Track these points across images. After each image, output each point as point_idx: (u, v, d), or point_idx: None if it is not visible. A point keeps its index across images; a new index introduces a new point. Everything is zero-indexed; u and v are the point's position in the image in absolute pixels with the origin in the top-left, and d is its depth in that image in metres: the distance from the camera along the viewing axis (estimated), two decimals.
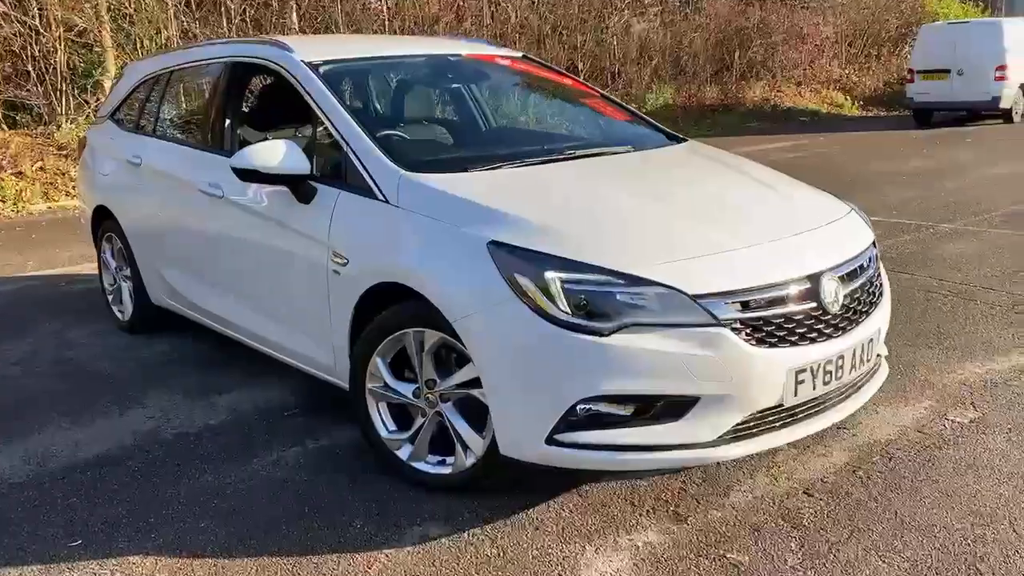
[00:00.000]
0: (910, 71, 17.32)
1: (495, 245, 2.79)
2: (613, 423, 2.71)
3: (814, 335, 2.82)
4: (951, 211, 7.93)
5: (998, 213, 7.79)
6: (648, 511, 2.97)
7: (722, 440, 2.73)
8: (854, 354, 2.94)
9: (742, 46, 18.92)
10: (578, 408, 2.67)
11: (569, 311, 2.64)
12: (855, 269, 3.05)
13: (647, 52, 17.71)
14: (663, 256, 2.76)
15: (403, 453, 3.18)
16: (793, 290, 2.81)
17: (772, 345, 2.73)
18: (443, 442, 3.11)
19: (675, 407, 2.69)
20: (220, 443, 3.60)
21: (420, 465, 3.15)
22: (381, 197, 3.19)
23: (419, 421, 3.13)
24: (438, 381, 3.04)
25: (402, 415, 3.22)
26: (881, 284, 3.23)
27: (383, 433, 3.21)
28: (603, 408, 2.69)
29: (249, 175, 3.41)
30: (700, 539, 2.80)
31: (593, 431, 2.70)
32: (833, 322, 2.87)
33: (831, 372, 2.88)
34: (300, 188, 3.43)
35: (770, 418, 2.79)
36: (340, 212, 3.30)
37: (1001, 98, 16.31)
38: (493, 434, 2.90)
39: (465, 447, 3.03)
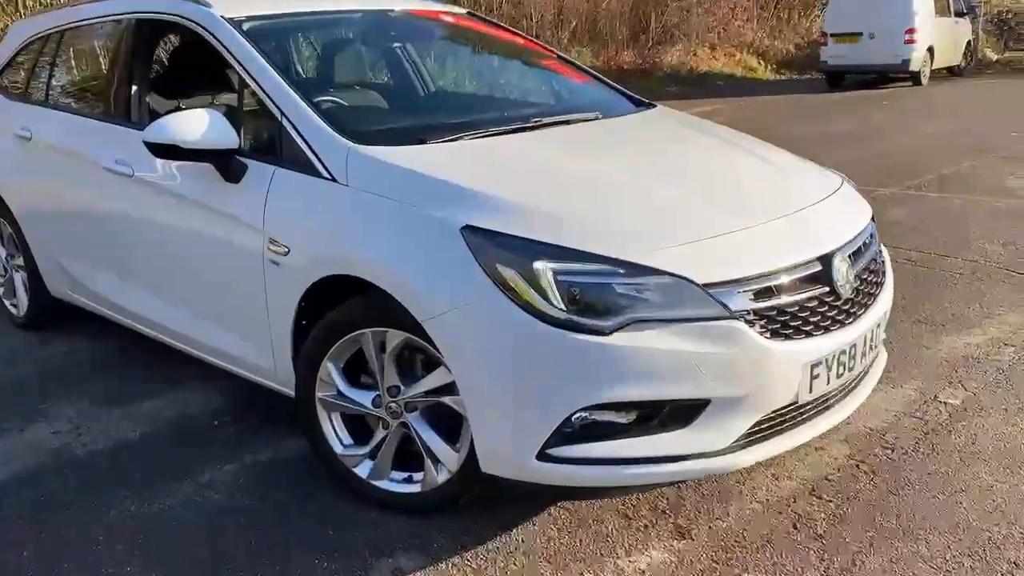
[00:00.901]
0: (823, 34, 17.43)
1: (471, 231, 2.39)
2: (613, 433, 2.36)
3: (827, 323, 2.52)
4: (885, 175, 7.85)
5: (932, 176, 7.75)
6: (646, 526, 2.64)
7: (735, 447, 2.41)
8: (864, 341, 2.66)
9: (657, 9, 18.72)
10: (573, 418, 2.31)
11: (564, 307, 2.27)
12: (860, 247, 2.77)
13: (565, 15, 17.31)
14: (664, 240, 2.40)
15: (362, 470, 2.77)
16: (805, 274, 2.49)
17: (787, 337, 2.42)
18: (409, 456, 2.71)
19: (683, 412, 2.36)
20: (142, 462, 3.11)
21: (383, 484, 2.75)
22: (326, 174, 2.73)
23: (380, 434, 2.72)
24: (402, 388, 2.63)
25: (359, 427, 2.80)
26: (884, 262, 2.96)
27: (337, 448, 2.79)
28: (601, 417, 2.33)
29: (166, 151, 2.90)
30: (710, 557, 2.49)
31: (591, 443, 2.35)
32: (845, 307, 2.58)
33: (844, 364, 2.59)
34: (227, 165, 2.94)
35: (781, 419, 2.49)
36: (276, 193, 2.84)
37: (910, 60, 16.57)
38: (470, 447, 2.52)
39: (436, 462, 2.64)
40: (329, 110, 3.12)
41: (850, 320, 2.59)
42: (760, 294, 2.39)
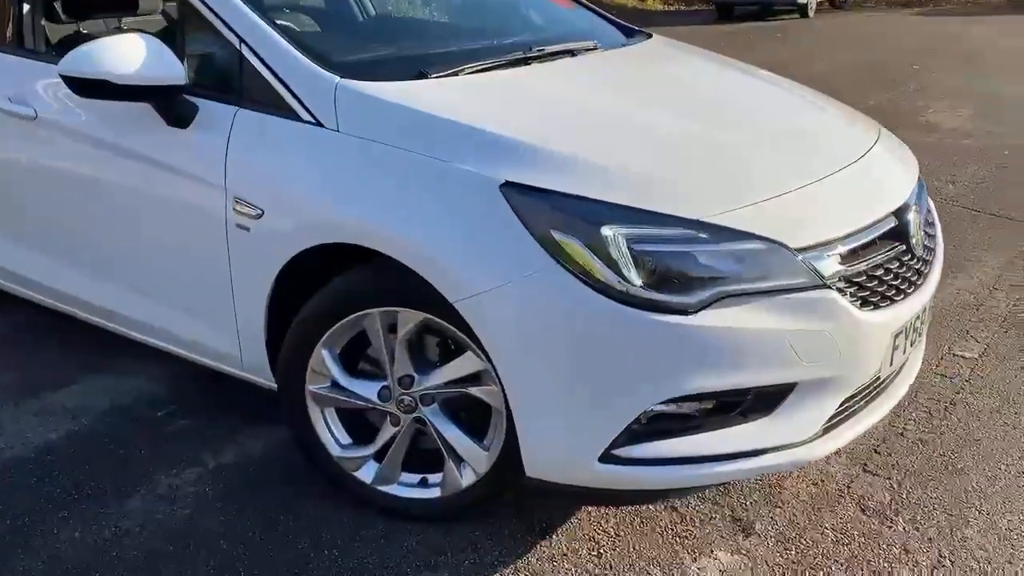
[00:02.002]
0: None
1: (515, 190, 1.94)
2: (687, 427, 1.99)
3: (906, 286, 2.21)
4: None
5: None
6: (701, 520, 2.31)
7: (819, 434, 2.09)
8: (928, 304, 2.38)
9: None
10: (648, 414, 1.94)
11: (641, 282, 1.86)
12: (920, 198, 2.47)
13: None
14: (741, 197, 2.02)
15: (365, 474, 2.32)
16: (886, 231, 2.18)
17: (875, 306, 2.10)
18: (418, 456, 2.28)
19: (767, 399, 2.02)
20: (76, 471, 2.55)
21: (392, 489, 2.31)
22: (307, 117, 2.20)
23: (388, 431, 2.27)
24: (416, 378, 2.18)
25: (359, 423, 2.34)
26: (934, 212, 2.68)
27: (334, 450, 2.32)
28: (676, 409, 1.96)
29: (91, 87, 2.29)
30: (783, 555, 2.19)
31: (662, 440, 1.98)
32: (917, 267, 2.28)
33: (916, 330, 2.32)
34: (171, 106, 2.35)
35: (860, 399, 2.19)
36: (240, 140, 2.28)
37: None
38: (504, 445, 2.12)
39: (458, 461, 2.22)
40: (299, 36, 2.55)
41: (921, 281, 2.29)
42: (846, 257, 2.05)
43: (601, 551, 2.20)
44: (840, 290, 2.01)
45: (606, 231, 1.87)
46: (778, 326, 1.93)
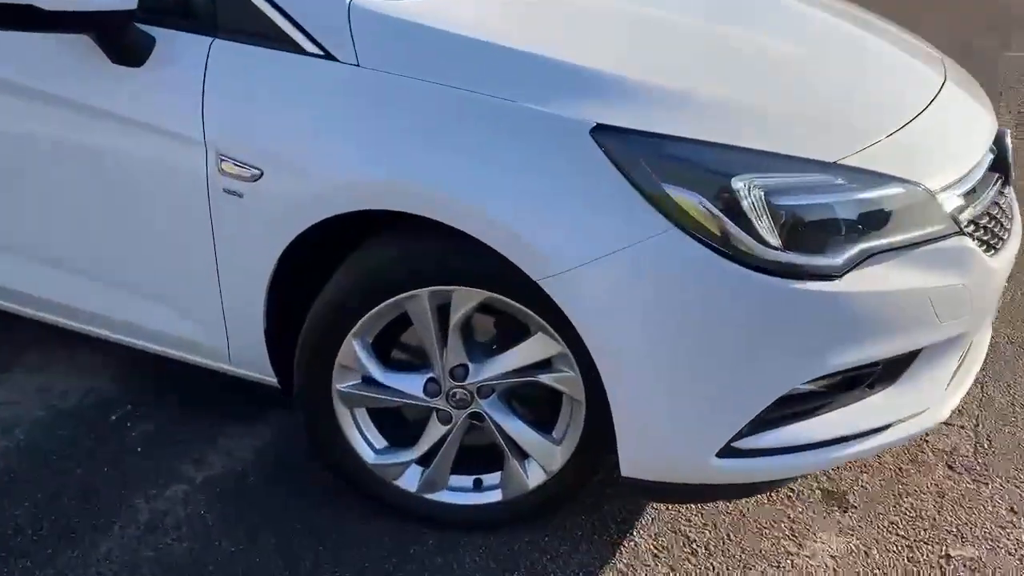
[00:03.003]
0: None
1: (610, 135, 1.55)
2: (814, 409, 1.70)
3: (1008, 224, 1.97)
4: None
5: None
6: (791, 500, 2.06)
7: (940, 397, 1.85)
8: None
9: None
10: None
11: (780, 243, 1.53)
12: None
13: None
14: (863, 135, 1.70)
15: (408, 482, 1.94)
16: (988, 166, 1.92)
17: (995, 250, 1.85)
18: (460, 455, 1.93)
19: (893, 366, 1.75)
20: (19, 507, 2.04)
21: (442, 496, 1.94)
22: (314, 49, 1.72)
23: (436, 430, 1.89)
24: (471, 367, 1.80)
25: (389, 423, 1.95)
26: None
27: (369, 458, 1.92)
28: (809, 388, 1.67)
29: (13, 15, 1.71)
30: (891, 530, 1.97)
31: (788, 426, 1.68)
32: (1011, 206, 2.05)
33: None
34: (119, 38, 1.81)
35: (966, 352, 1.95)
36: (223, 81, 1.78)
37: None
38: (579, 437, 1.78)
39: (522, 459, 1.87)
40: None
41: (1012, 223, 2.05)
42: (967, 198, 1.78)
43: (694, 547, 1.92)
44: (970, 236, 1.74)
45: (738, 183, 1.51)
46: (922, 284, 1.65)
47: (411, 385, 1.84)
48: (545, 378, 1.77)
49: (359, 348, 1.80)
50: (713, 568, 1.87)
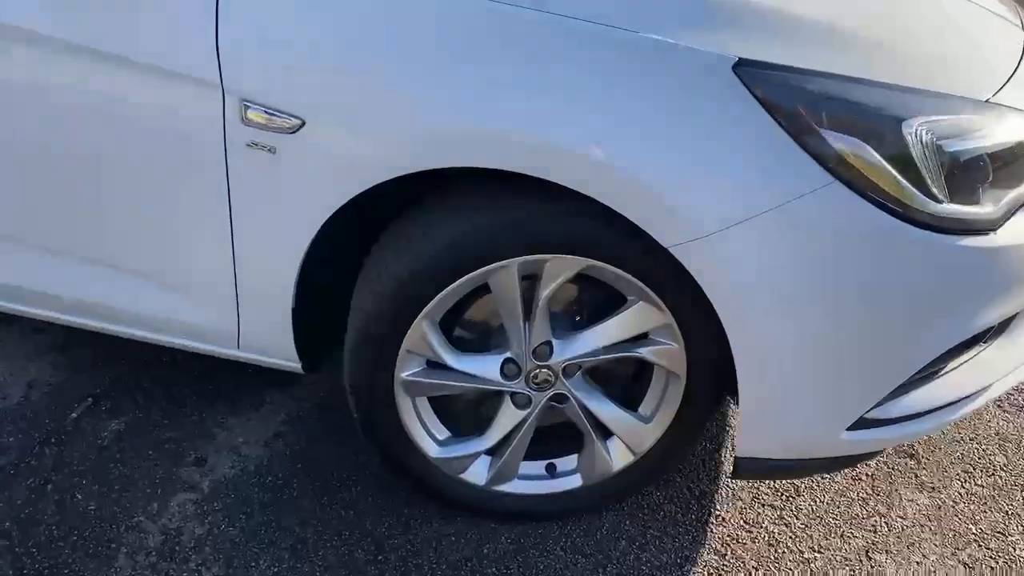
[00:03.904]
0: None
1: (758, 72, 1.31)
2: (939, 371, 1.57)
3: None
4: None
5: None
6: (881, 472, 1.95)
7: None
8: None
9: None
10: None
11: (947, 195, 1.35)
12: None
13: None
14: (989, 76, 1.53)
15: (476, 474, 1.70)
16: None
17: None
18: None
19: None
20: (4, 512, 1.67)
21: (514, 487, 1.72)
22: None
23: (510, 416, 1.64)
24: (555, 344, 1.56)
25: (454, 412, 1.69)
26: None
27: (431, 450, 1.66)
28: None
29: None
30: (968, 482, 1.90)
31: (912, 392, 1.55)
32: None
33: None
34: None
35: None
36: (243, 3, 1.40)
37: None
38: (674, 412, 1.60)
39: (606, 437, 1.66)
40: None
41: None
42: None
43: (785, 518, 1.79)
44: None
45: (909, 128, 1.32)
46: None
47: (487, 368, 1.58)
48: (644, 351, 1.56)
49: (430, 331, 1.52)
50: (812, 539, 1.74)
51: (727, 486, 1.84)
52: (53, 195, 1.60)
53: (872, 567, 1.69)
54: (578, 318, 1.60)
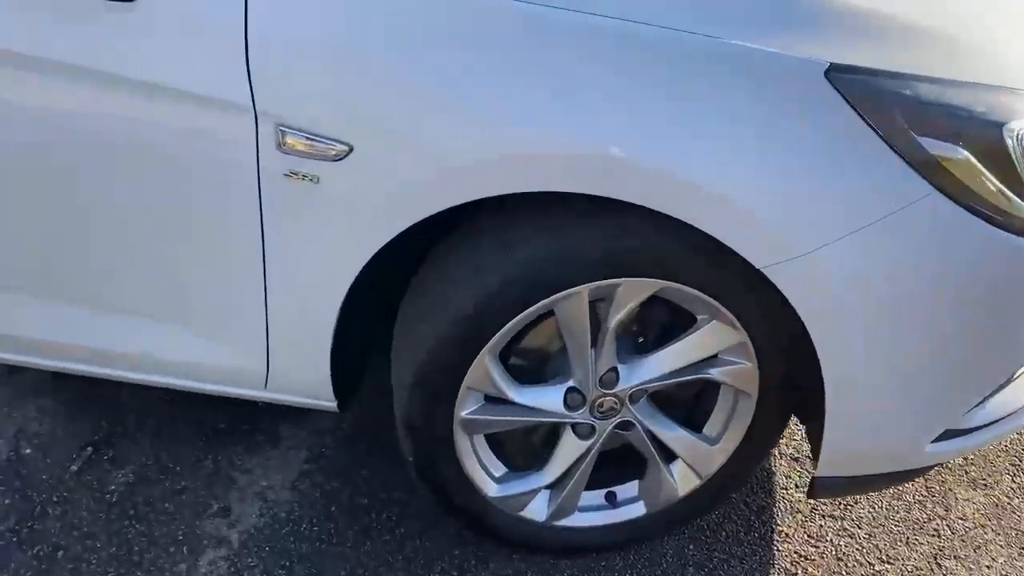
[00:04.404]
0: None
1: (851, 76, 1.22)
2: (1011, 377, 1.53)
3: None
4: None
5: None
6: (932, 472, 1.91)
7: None
8: None
9: None
10: None
11: None
12: None
13: None
14: None
15: (536, 511, 1.59)
16: None
17: None
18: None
19: None
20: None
21: (574, 521, 1.62)
22: None
23: (571, 447, 1.54)
24: (621, 370, 1.46)
25: (506, 442, 1.59)
26: None
27: (490, 489, 1.55)
28: None
29: None
30: (1020, 475, 1.88)
31: (992, 399, 1.49)
32: None
33: None
34: None
35: None
36: (277, 12, 1.24)
37: None
38: (744, 432, 1.53)
39: (669, 459, 1.58)
40: None
41: None
42: None
43: (848, 529, 1.73)
44: None
45: (1009, 132, 1.24)
46: None
47: (550, 400, 1.47)
48: (714, 372, 1.47)
49: (492, 365, 1.40)
50: (879, 549, 1.69)
51: (784, 499, 1.78)
52: (62, 235, 1.42)
53: (944, 574, 1.64)
54: (641, 339, 1.50)
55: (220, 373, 1.56)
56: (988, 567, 1.66)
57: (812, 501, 1.77)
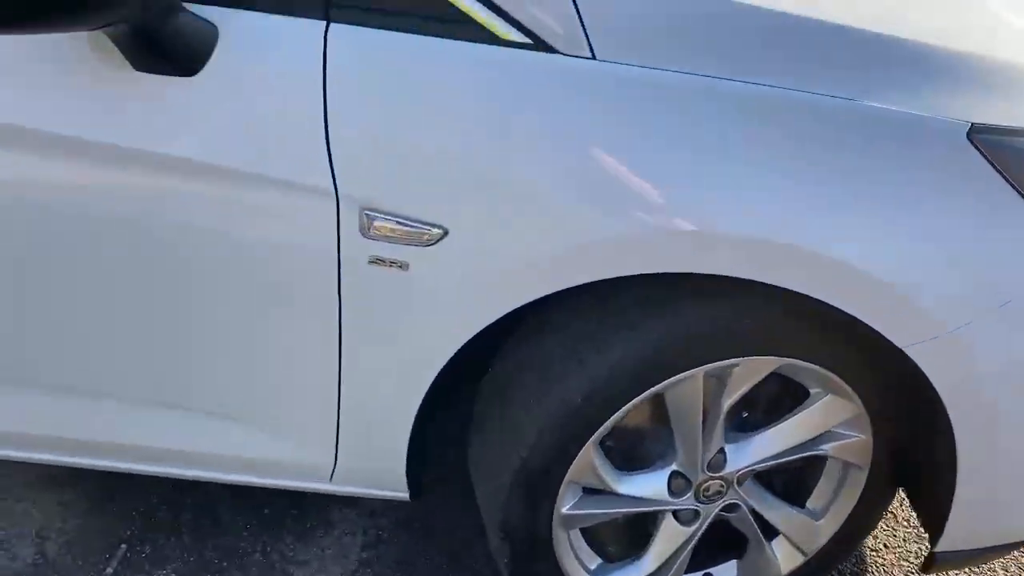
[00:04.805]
0: None
1: (993, 137, 1.13)
2: None
3: None
4: None
5: None
6: None
7: None
8: None
9: None
10: None
11: None
12: None
13: None
14: None
15: None
16: None
17: None
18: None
19: None
20: None
21: None
22: (518, 36, 1.10)
23: (672, 534, 1.43)
24: (728, 451, 1.35)
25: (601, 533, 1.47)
26: None
27: None
28: None
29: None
30: None
31: None
32: None
33: None
34: (157, 28, 1.07)
35: None
36: (359, 92, 1.11)
37: None
38: (852, 506, 1.43)
39: (769, 536, 1.47)
40: None
41: None
42: None
43: None
44: None
45: None
46: None
47: (654, 487, 1.36)
48: (828, 447, 1.37)
49: (596, 456, 1.29)
50: None
51: (875, 565, 1.68)
52: (115, 329, 1.27)
53: None
54: (746, 415, 1.39)
55: (281, 467, 1.42)
56: None
57: (896, 557, 1.68)
